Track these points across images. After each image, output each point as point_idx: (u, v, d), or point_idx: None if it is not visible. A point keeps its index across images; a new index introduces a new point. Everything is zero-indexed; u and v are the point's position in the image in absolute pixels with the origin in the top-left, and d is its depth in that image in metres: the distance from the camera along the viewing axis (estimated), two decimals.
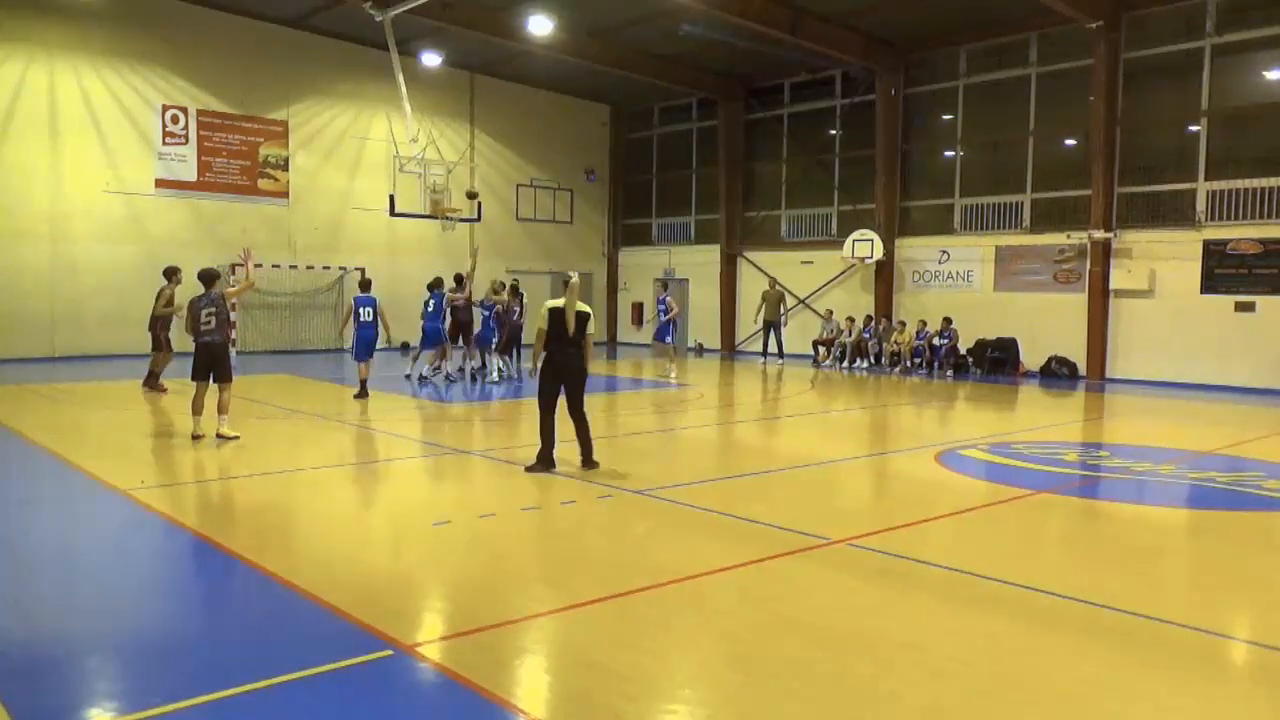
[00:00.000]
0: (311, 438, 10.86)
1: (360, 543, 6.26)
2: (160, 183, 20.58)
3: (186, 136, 20.88)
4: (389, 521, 7.05)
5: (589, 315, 8.29)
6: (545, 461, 8.24)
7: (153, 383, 13.92)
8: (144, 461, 8.77)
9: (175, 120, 20.71)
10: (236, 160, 21.57)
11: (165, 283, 14.12)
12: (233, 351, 13.98)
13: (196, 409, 9.95)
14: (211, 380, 9.91)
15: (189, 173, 20.94)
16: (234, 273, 20.95)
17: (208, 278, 10.13)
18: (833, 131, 23.63)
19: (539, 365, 8.27)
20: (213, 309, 9.86)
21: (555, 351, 8.19)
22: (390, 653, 4.17)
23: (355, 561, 5.74)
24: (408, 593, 5.18)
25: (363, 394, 13.31)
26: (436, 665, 4.11)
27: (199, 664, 4.11)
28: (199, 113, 21.01)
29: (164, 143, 20.60)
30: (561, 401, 8.29)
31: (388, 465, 9.33)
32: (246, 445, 9.67)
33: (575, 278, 8.35)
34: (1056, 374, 18.84)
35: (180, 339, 12.84)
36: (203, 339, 9.86)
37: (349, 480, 8.58)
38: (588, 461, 8.34)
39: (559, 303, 8.18)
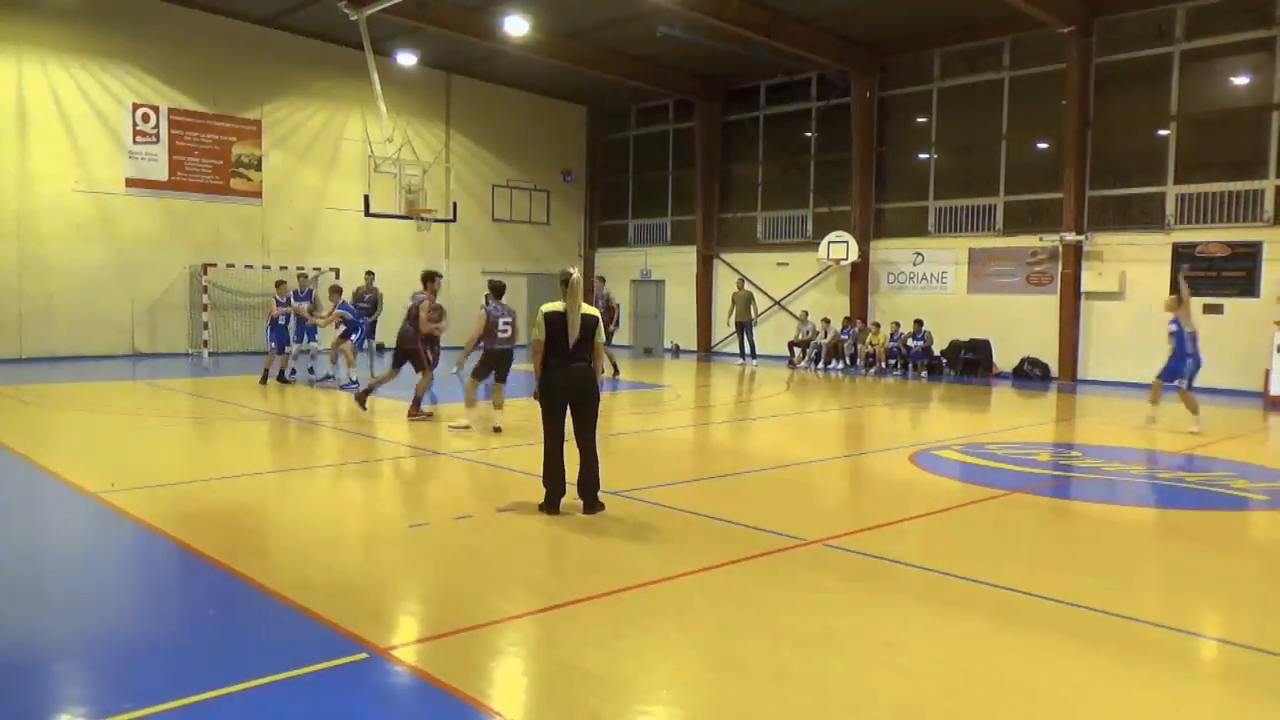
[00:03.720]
0: (285, 440, 10.77)
1: (335, 545, 6.20)
2: (131, 182, 20.33)
3: (158, 135, 20.64)
4: (364, 523, 6.99)
5: (597, 320, 6.79)
6: (552, 505, 6.78)
7: (415, 410, 11.83)
8: (115, 464, 8.65)
9: (146, 119, 20.48)
10: (209, 159, 21.35)
11: (423, 291, 11.85)
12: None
13: (470, 403, 10.92)
14: (495, 380, 10.85)
15: (160, 172, 20.70)
16: (206, 272, 20.77)
17: (499, 288, 10.86)
18: (808, 134, 23.75)
19: (538, 385, 6.82)
20: (509, 319, 10.72)
21: (555, 367, 6.66)
22: (365, 655, 4.14)
23: (330, 564, 5.70)
24: (383, 595, 5.14)
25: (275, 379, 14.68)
26: (412, 668, 4.08)
27: (170, 668, 4.06)
28: (170, 111, 20.78)
29: (135, 141, 20.36)
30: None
31: (363, 467, 9.26)
32: (220, 447, 9.58)
33: (576, 274, 6.74)
34: (1029, 375, 19.03)
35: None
36: (499, 346, 10.64)
37: (323, 482, 8.52)
38: (592, 505, 6.76)
39: (557, 306, 6.68)
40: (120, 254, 20.16)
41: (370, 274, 16.14)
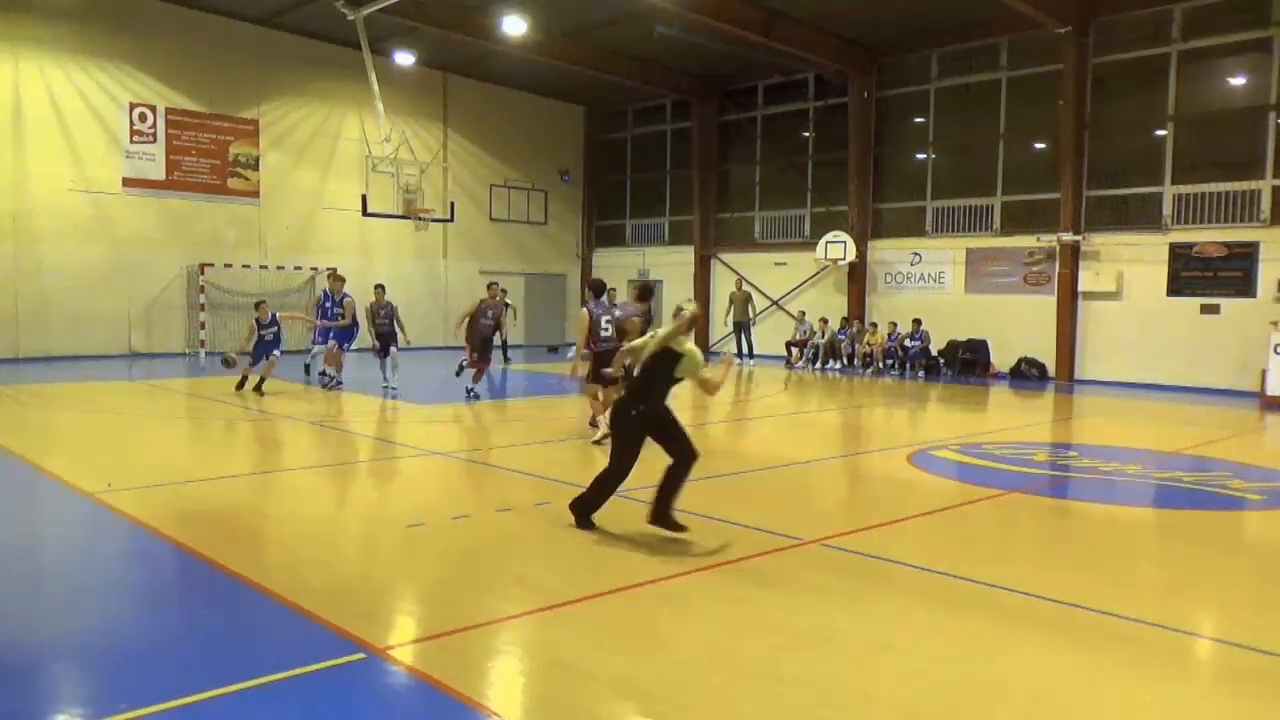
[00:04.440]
0: (282, 439, 10.76)
1: (332, 545, 6.20)
2: (128, 181, 20.29)
3: (154, 135, 20.61)
4: (361, 523, 6.99)
5: (677, 357, 6.08)
6: (576, 510, 6.47)
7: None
8: (111, 464, 8.64)
9: (143, 118, 20.44)
10: (206, 159, 21.32)
11: (634, 303, 11.32)
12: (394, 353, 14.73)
13: (600, 411, 10.19)
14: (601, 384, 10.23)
15: (157, 171, 20.66)
16: (204, 272, 20.74)
17: (599, 287, 10.50)
18: (806, 134, 23.76)
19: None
20: (610, 318, 10.33)
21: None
22: (362, 656, 4.14)
23: (327, 564, 5.69)
24: (380, 595, 5.13)
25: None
26: (409, 668, 4.08)
27: (166, 669, 4.05)
28: (167, 111, 20.74)
29: (131, 141, 20.32)
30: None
31: (360, 467, 9.26)
32: (217, 447, 9.55)
33: (687, 311, 6.23)
34: (1026, 375, 19.04)
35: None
36: (603, 347, 10.11)
37: (320, 482, 8.50)
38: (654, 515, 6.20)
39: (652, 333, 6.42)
40: (117, 254, 20.12)
41: (381, 287, 15.10)
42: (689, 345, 6.13)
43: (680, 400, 14.93)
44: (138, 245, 20.39)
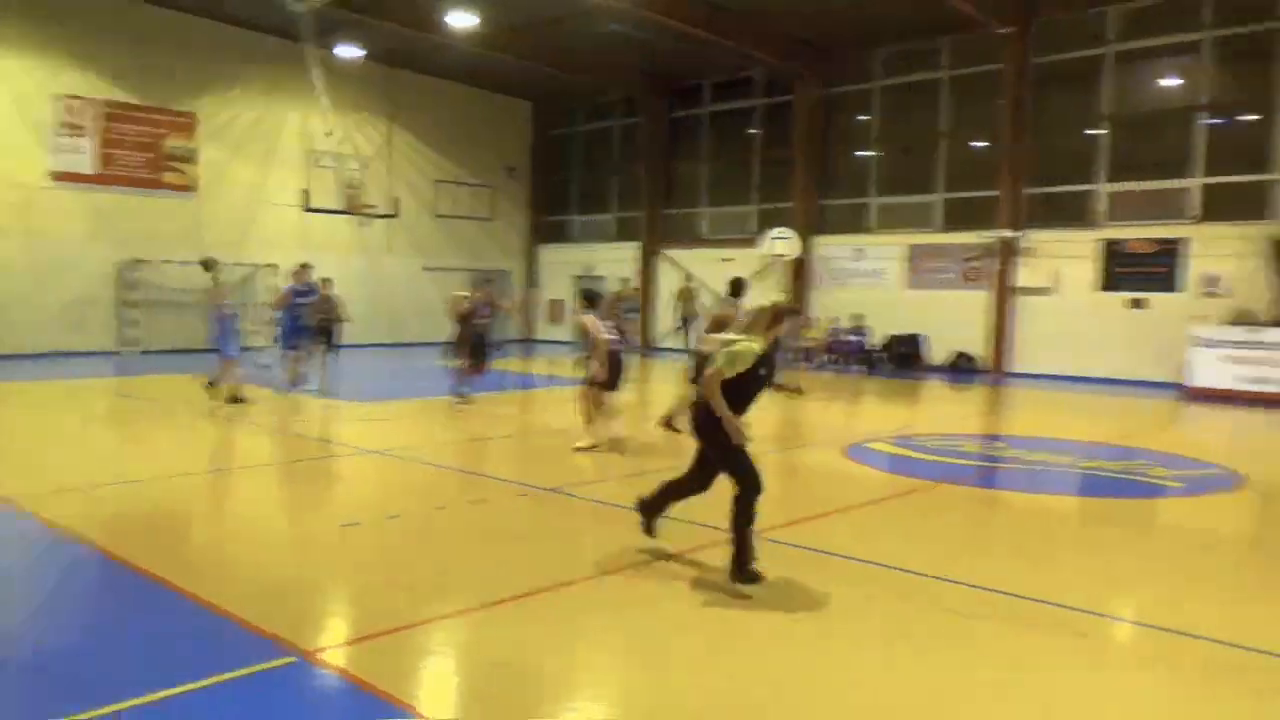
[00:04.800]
0: (214, 439, 10.57)
1: (264, 547, 6.12)
2: (56, 175, 19.71)
3: (84, 127, 20.03)
4: (294, 524, 6.92)
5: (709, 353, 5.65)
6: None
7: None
8: (29, 466, 8.41)
9: (71, 110, 19.86)
10: (140, 152, 20.78)
11: (732, 297, 11.20)
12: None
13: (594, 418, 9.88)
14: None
15: (87, 165, 20.09)
16: (136, 268, 20.21)
17: (594, 298, 10.41)
18: (753, 131, 23.94)
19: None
20: (612, 322, 10.24)
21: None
22: (293, 659, 4.10)
23: (258, 567, 5.62)
24: (312, 597, 5.09)
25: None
26: (340, 671, 4.06)
27: (90, 678, 3.96)
28: (100, 103, 20.18)
29: (59, 133, 19.72)
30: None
31: (294, 466, 9.14)
32: (147, 448, 9.36)
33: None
34: (961, 368, 19.45)
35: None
36: (612, 348, 9.86)
37: (253, 482, 8.39)
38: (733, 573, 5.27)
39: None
40: (44, 249, 19.53)
41: (328, 281, 14.28)
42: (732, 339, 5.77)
43: (620, 398, 14.90)
44: (66, 241, 19.81)
